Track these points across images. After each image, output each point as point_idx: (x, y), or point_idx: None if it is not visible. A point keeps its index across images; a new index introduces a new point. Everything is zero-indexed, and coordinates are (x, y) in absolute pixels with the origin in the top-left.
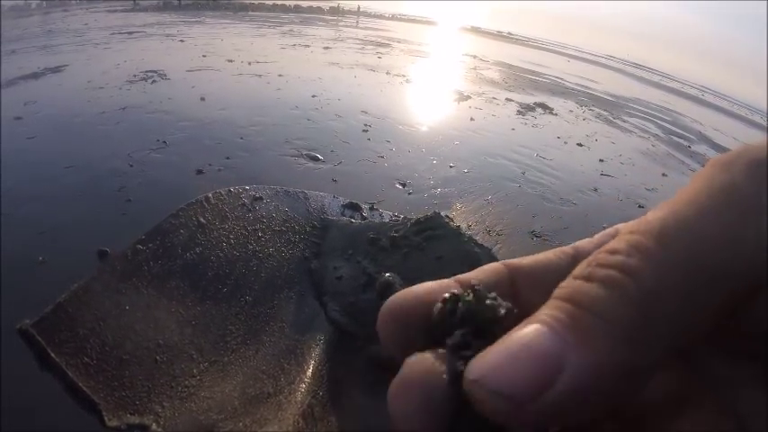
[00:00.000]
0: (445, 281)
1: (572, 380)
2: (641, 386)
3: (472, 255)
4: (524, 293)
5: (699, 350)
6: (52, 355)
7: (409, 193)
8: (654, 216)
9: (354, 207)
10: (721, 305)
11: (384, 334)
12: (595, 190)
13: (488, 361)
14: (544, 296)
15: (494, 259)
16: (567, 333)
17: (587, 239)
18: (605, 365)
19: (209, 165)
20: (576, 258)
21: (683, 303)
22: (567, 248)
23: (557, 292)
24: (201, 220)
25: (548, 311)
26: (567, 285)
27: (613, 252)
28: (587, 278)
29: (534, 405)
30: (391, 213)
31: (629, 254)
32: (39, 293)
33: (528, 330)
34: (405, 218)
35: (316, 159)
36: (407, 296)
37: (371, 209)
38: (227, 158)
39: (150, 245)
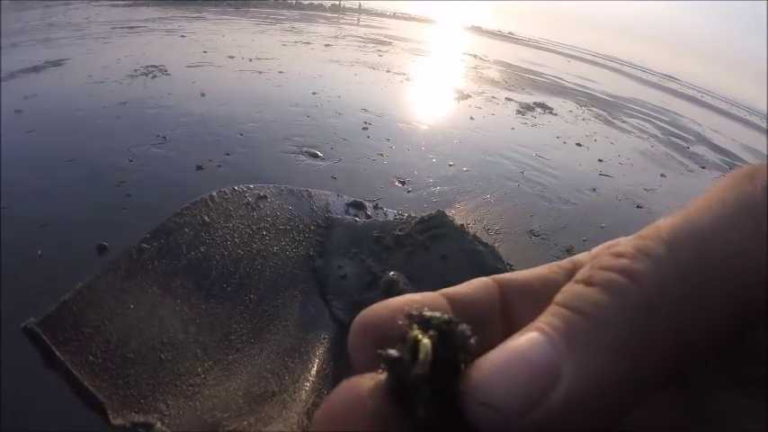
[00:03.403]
0: (429, 295)
1: (567, 393)
2: (640, 402)
3: (476, 253)
4: (517, 310)
5: (698, 377)
6: (57, 353)
7: (408, 191)
8: (665, 222)
9: (359, 206)
10: (731, 319)
11: (353, 349)
12: (594, 190)
13: (482, 372)
14: (538, 314)
15: (497, 257)
16: (563, 342)
17: (585, 253)
18: (604, 379)
19: (209, 161)
20: (573, 273)
21: (690, 313)
22: (564, 262)
23: (557, 297)
24: (206, 218)
25: (545, 318)
26: (567, 290)
27: (618, 255)
28: (588, 282)
29: (525, 418)
30: (395, 212)
31: (634, 257)
32: (38, 287)
33: (524, 339)
34: (409, 216)
35: (315, 156)
36: (382, 309)
37: (376, 207)
38: (227, 154)
39: (155, 243)
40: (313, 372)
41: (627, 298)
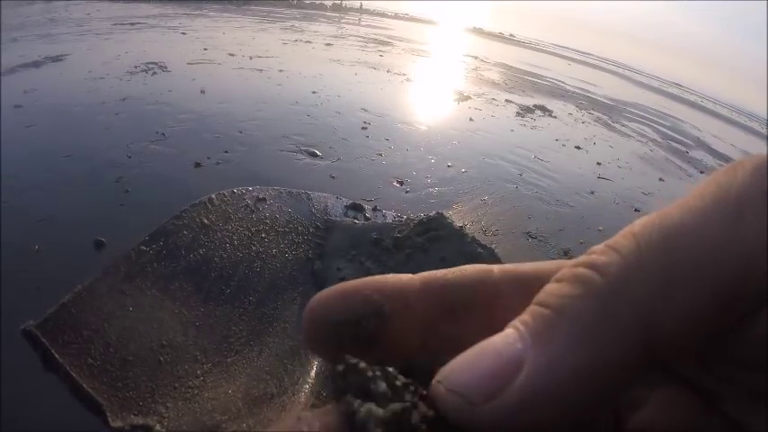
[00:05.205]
0: (402, 278)
1: (527, 381)
2: (612, 392)
3: (475, 255)
4: (508, 303)
5: (714, 385)
6: (56, 356)
7: (406, 192)
8: (641, 219)
9: (358, 208)
10: (705, 309)
11: (308, 336)
12: (592, 193)
13: (453, 362)
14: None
15: (497, 259)
16: (528, 334)
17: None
18: (562, 365)
19: (208, 158)
20: None
21: (656, 300)
22: (570, 262)
23: (535, 297)
24: (205, 221)
25: (520, 316)
26: (543, 289)
27: (590, 252)
28: (559, 278)
29: (488, 405)
30: (394, 214)
31: (602, 252)
32: (35, 283)
33: (497, 335)
34: (408, 218)
35: (314, 155)
36: (334, 294)
37: (375, 209)
38: (226, 152)
39: (154, 246)
40: (312, 374)
41: (589, 288)
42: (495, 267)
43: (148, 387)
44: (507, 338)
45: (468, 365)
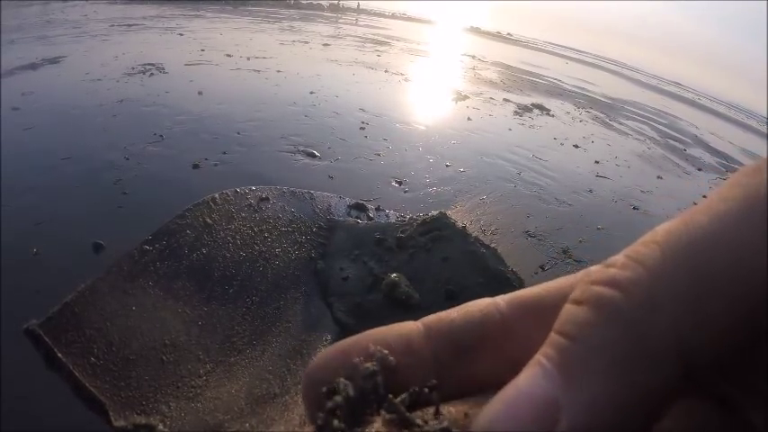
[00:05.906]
0: (404, 327)
1: (570, 424)
2: (657, 415)
3: (478, 255)
4: (525, 332)
5: (732, 392)
6: (59, 355)
7: (405, 192)
8: (663, 226)
9: (361, 207)
10: (735, 315)
11: (308, 401)
12: (590, 191)
13: (488, 413)
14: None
15: (499, 259)
16: (558, 373)
17: (599, 266)
18: (602, 404)
19: (206, 159)
20: None
21: (685, 313)
22: (580, 274)
23: (555, 323)
24: (208, 220)
25: (543, 349)
26: (562, 313)
27: (609, 266)
28: (577, 300)
29: None
30: (397, 214)
31: (624, 266)
32: (34, 285)
33: (524, 375)
34: (410, 218)
35: (312, 156)
36: (334, 354)
37: (377, 209)
38: (224, 153)
39: (157, 245)
40: None
41: (615, 312)
42: (501, 299)
43: (151, 386)
44: (535, 379)
45: (504, 417)
